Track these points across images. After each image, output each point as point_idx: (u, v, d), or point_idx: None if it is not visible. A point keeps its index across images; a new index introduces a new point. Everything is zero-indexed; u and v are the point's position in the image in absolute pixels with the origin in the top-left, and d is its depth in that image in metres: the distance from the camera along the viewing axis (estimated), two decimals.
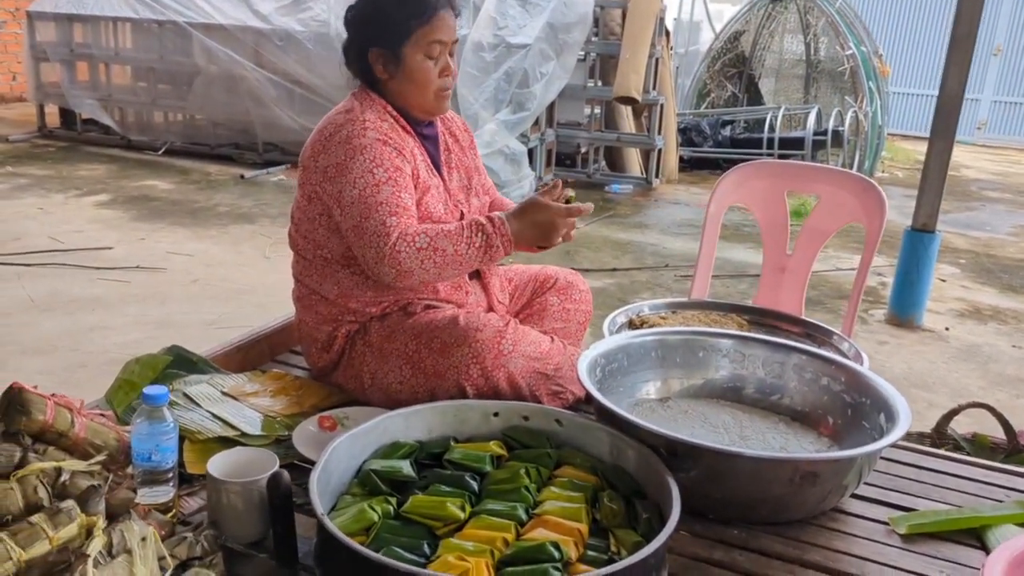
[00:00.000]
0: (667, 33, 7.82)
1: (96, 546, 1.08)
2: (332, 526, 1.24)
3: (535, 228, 1.81)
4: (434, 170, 1.96)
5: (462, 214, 1.98)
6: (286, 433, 1.73)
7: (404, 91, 1.90)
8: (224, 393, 1.86)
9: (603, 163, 8.20)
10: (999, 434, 2.46)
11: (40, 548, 1.10)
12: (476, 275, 2.03)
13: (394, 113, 1.91)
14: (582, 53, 7.35)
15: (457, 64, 1.97)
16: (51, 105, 8.63)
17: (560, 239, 1.83)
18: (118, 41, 8.28)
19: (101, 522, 1.15)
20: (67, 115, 8.63)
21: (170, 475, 1.41)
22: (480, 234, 1.78)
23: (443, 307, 1.93)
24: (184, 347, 1.98)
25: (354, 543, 1.21)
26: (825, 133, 8.33)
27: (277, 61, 7.27)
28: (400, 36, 1.85)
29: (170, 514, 1.40)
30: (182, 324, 3.76)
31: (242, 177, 7.14)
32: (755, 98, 10.01)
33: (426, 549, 1.32)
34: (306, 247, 1.94)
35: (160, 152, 7.92)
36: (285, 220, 6.24)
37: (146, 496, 1.38)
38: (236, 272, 4.64)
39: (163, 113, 8.45)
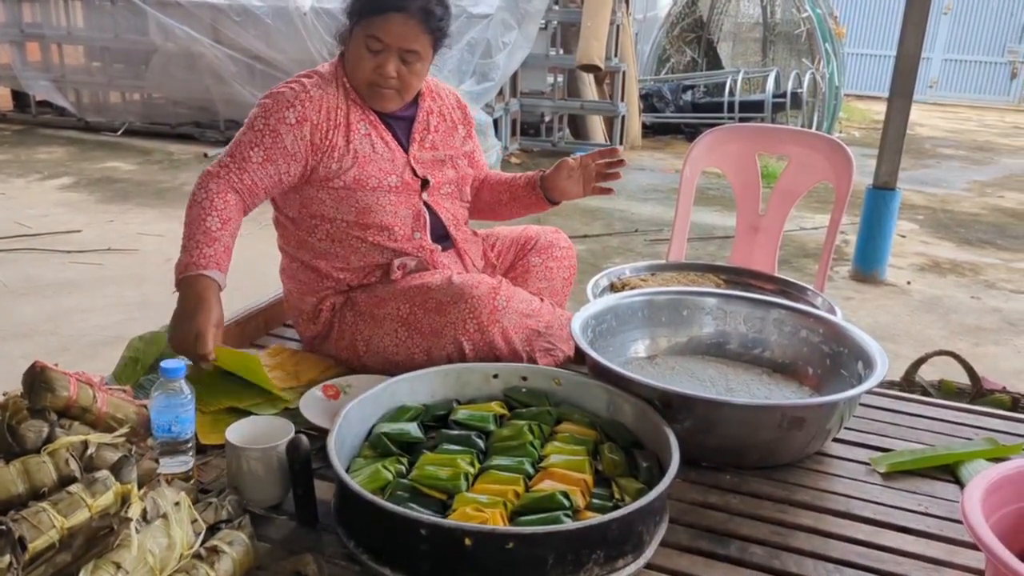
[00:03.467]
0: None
1: (136, 511, 1.13)
2: (355, 484, 1.30)
3: (181, 313, 1.69)
4: (395, 144, 1.99)
5: (424, 181, 2.01)
6: (289, 405, 1.78)
7: (346, 69, 1.97)
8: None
9: (567, 131, 8.25)
10: (963, 380, 2.58)
11: (80, 516, 1.15)
12: (448, 241, 2.08)
13: (347, 85, 1.96)
14: (543, 22, 7.38)
15: (419, 78, 1.96)
16: (2, 87, 8.46)
17: (178, 341, 1.67)
18: (70, 20, 8.13)
19: (136, 489, 1.20)
20: (20, 97, 8.47)
21: (189, 445, 1.46)
22: (185, 251, 1.74)
23: (429, 272, 1.97)
24: None
25: (378, 499, 1.28)
26: (784, 95, 8.46)
27: (236, 37, 7.19)
28: (355, 16, 1.91)
29: (190, 482, 1.45)
30: (161, 304, 3.73)
31: (205, 155, 7.09)
32: (714, 62, 10.10)
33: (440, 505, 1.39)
34: (276, 211, 2.04)
35: (119, 133, 7.82)
36: None
37: (167, 466, 1.43)
38: None
39: (120, 93, 8.32)
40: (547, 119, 8.09)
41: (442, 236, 2.06)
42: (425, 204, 2.02)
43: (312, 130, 1.89)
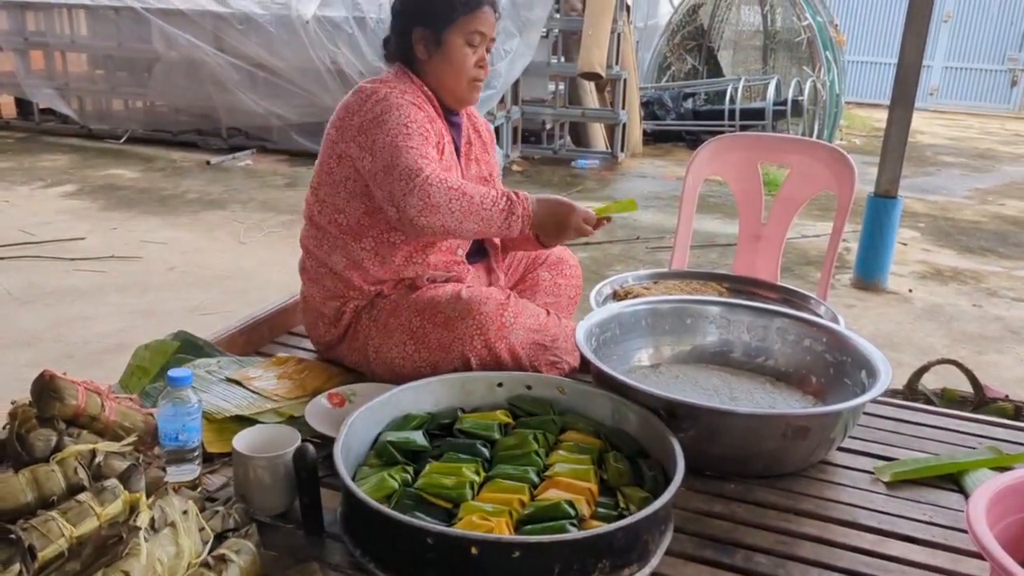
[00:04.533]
0: (627, 7, 7.88)
1: (145, 519, 1.13)
2: (361, 492, 1.31)
3: (553, 219, 1.90)
4: (455, 156, 2.03)
5: None
6: (295, 414, 1.79)
7: (440, 74, 1.99)
8: (229, 379, 1.91)
9: (568, 139, 8.27)
10: (965, 388, 2.59)
11: (89, 524, 1.15)
12: (483, 253, 2.10)
13: (428, 93, 2.00)
14: (545, 30, 7.39)
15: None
16: (6, 95, 8.48)
17: (567, 239, 1.96)
18: (74, 28, 8.16)
19: (144, 498, 1.21)
20: (23, 105, 8.50)
21: (196, 454, 1.47)
22: (505, 199, 1.84)
23: (440, 285, 1.99)
24: (188, 332, 2.02)
25: (384, 507, 1.28)
26: (784, 103, 8.47)
27: (238, 45, 7.22)
28: (445, 20, 1.96)
29: (197, 491, 1.45)
30: (164, 312, 3.77)
31: (208, 163, 7.10)
32: (715, 70, 10.13)
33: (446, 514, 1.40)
34: (322, 213, 1.98)
35: (122, 140, 7.84)
36: (256, 205, 6.23)
37: (174, 474, 1.44)
38: (212, 258, 4.64)
39: (123, 101, 8.35)
40: (548, 127, 8.11)
41: (473, 251, 2.09)
42: None
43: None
